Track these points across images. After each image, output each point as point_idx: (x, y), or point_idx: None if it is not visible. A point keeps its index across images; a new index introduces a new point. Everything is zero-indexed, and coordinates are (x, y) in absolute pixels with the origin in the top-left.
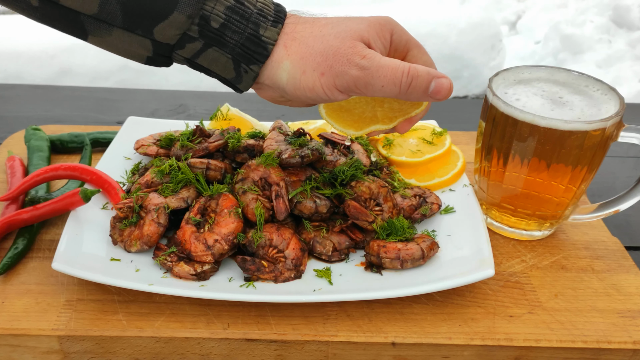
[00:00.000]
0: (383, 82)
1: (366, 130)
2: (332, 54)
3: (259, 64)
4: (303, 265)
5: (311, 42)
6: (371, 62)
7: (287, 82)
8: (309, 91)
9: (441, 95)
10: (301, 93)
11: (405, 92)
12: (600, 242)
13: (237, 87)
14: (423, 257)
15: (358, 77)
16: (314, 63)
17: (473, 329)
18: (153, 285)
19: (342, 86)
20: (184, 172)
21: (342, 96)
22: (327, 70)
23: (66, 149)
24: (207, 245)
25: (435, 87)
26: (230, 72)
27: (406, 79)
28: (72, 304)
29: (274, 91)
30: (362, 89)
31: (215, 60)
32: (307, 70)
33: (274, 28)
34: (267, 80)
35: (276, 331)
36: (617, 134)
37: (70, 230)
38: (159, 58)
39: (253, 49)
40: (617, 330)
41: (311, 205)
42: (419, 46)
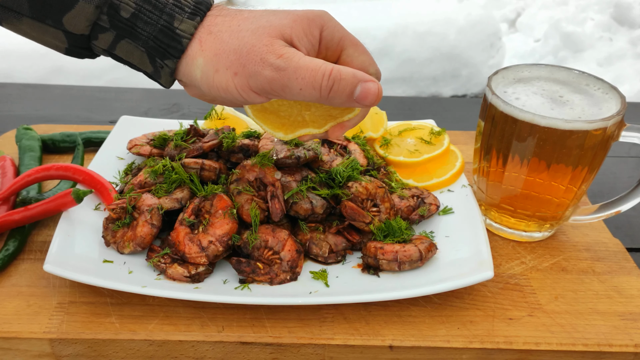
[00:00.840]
0: (301, 85)
1: (296, 134)
2: (245, 52)
3: (173, 59)
4: (299, 267)
5: (226, 38)
6: (288, 63)
7: (200, 80)
8: (223, 91)
9: (368, 101)
10: (216, 93)
11: (326, 97)
12: (601, 244)
13: (160, 83)
14: (421, 258)
15: (273, 79)
16: (227, 61)
17: (472, 332)
18: (146, 288)
19: (256, 88)
20: (178, 172)
21: (259, 98)
22: (240, 70)
23: (58, 149)
24: (201, 246)
25: (362, 92)
26: (147, 65)
27: (327, 82)
28: (64, 306)
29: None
30: (279, 91)
31: (131, 53)
32: (219, 68)
33: (191, 21)
34: (184, 78)
35: (272, 334)
36: (618, 133)
37: (62, 231)
38: (78, 50)
39: (167, 43)
40: (618, 333)
41: (307, 206)
42: (356, 44)
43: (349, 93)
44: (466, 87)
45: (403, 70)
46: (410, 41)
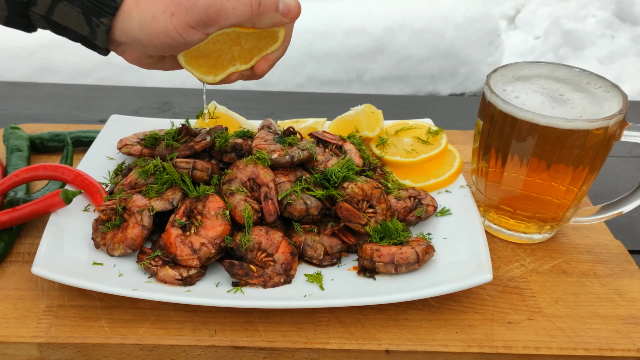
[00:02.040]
0: (234, 4)
1: (225, 72)
2: None
3: (108, 16)
4: (293, 269)
5: None
6: None
7: (140, 31)
8: (162, 36)
9: (292, 12)
10: (156, 40)
11: (257, 13)
12: (602, 246)
13: (96, 45)
14: (418, 261)
15: (208, 5)
16: (162, 5)
17: (470, 336)
18: (137, 291)
19: (194, 21)
20: (169, 172)
21: (197, 35)
22: (176, 9)
23: (46, 149)
24: (193, 248)
25: (284, 6)
26: (84, 27)
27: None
28: (52, 310)
29: (134, 48)
30: (215, 17)
31: (68, 15)
32: (156, 14)
33: None
34: (122, 36)
35: (265, 338)
36: (620, 133)
37: (51, 233)
38: (17, 18)
39: (102, 2)
40: (620, 337)
41: (302, 207)
42: None
43: (275, 6)
44: (464, 85)
45: (400, 68)
46: (407, 38)
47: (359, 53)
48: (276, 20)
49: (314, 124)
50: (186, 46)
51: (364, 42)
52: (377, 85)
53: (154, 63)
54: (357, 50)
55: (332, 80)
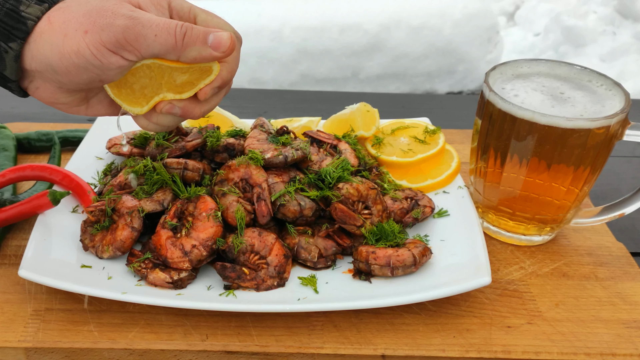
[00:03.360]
0: (155, 31)
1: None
2: (95, 12)
3: (18, 40)
4: (287, 272)
5: (75, 8)
6: (141, 14)
7: (51, 52)
8: (75, 56)
9: (222, 47)
10: (68, 61)
11: (181, 43)
12: (604, 248)
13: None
14: (415, 263)
15: (126, 27)
16: (76, 24)
17: (468, 340)
18: (126, 294)
19: (110, 42)
20: (160, 173)
21: (114, 58)
22: (90, 27)
23: (34, 148)
24: (184, 251)
25: (215, 39)
26: None
27: (180, 29)
28: (40, 313)
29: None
30: (133, 42)
31: None
32: (68, 32)
33: (38, 6)
34: (34, 63)
35: (258, 343)
36: (622, 132)
37: (38, 235)
38: None
39: (11, 25)
40: (622, 342)
41: (295, 208)
42: (207, 11)
43: (203, 39)
44: (462, 83)
45: (396, 66)
46: (404, 35)
47: (354, 50)
48: (205, 54)
49: (308, 123)
50: (103, 71)
51: (359, 39)
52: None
53: (74, 102)
54: (352, 47)
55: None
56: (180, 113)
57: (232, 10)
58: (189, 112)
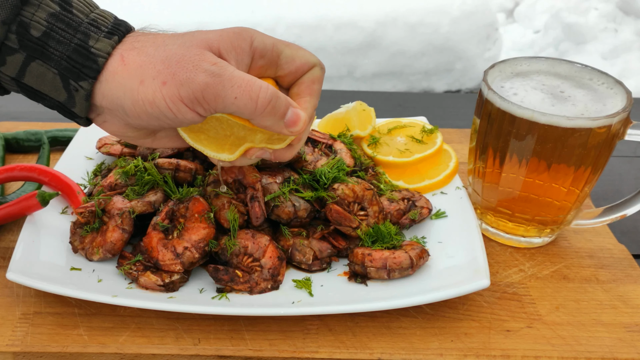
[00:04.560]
0: (237, 93)
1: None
2: (175, 61)
3: (89, 79)
4: (281, 275)
5: (152, 51)
6: (223, 70)
7: (124, 96)
8: (149, 105)
9: (295, 127)
10: (141, 109)
11: (261, 112)
12: (605, 250)
13: (74, 114)
14: (412, 266)
15: (207, 85)
16: (154, 71)
17: (467, 344)
18: (117, 297)
19: (187, 97)
20: (151, 173)
21: (190, 114)
22: (169, 79)
23: (22, 148)
24: (176, 253)
25: (292, 116)
26: (60, 92)
27: (265, 95)
28: (28, 317)
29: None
30: (211, 102)
31: (42, 78)
32: (145, 79)
33: (108, 40)
34: (105, 101)
35: (251, 347)
36: (624, 131)
37: (27, 236)
38: None
39: (81, 62)
40: (624, 346)
41: (290, 209)
42: (289, 44)
43: (283, 113)
44: (460, 81)
45: (393, 63)
46: (401, 32)
47: (350, 48)
48: (277, 128)
49: None
50: (175, 122)
51: (355, 36)
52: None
53: (141, 137)
54: (348, 44)
55: None
56: (271, 158)
57: (225, 6)
58: (281, 157)
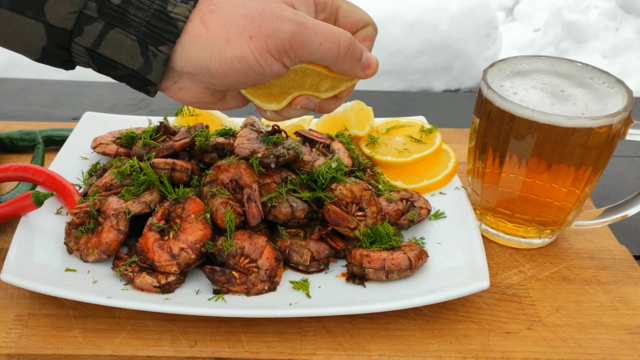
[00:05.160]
0: (321, 39)
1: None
2: (258, 16)
3: (168, 43)
4: (278, 276)
5: (231, 10)
6: (306, 19)
7: (210, 57)
8: (237, 61)
9: (370, 70)
10: (229, 67)
11: (344, 55)
12: (606, 251)
13: (148, 81)
14: (410, 267)
15: (294, 33)
16: (238, 28)
17: (466, 346)
18: (112, 299)
19: (275, 48)
20: (147, 173)
21: (276, 65)
22: (255, 32)
23: (16, 148)
24: (172, 254)
25: (366, 59)
26: (137, 59)
27: (347, 40)
28: (22, 319)
29: (197, 81)
30: (298, 50)
31: (120, 46)
32: (231, 37)
33: (185, 4)
34: (187, 65)
35: (248, 349)
36: (624, 131)
37: (21, 237)
38: (56, 50)
39: (161, 27)
40: (624, 348)
41: (287, 210)
42: (349, 2)
43: (360, 56)
44: (459, 80)
45: (391, 62)
46: (399, 31)
47: None
48: (355, 71)
49: (300, 121)
50: (261, 77)
51: None
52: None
53: (213, 102)
54: None
55: None
56: (316, 108)
57: None
58: (325, 108)
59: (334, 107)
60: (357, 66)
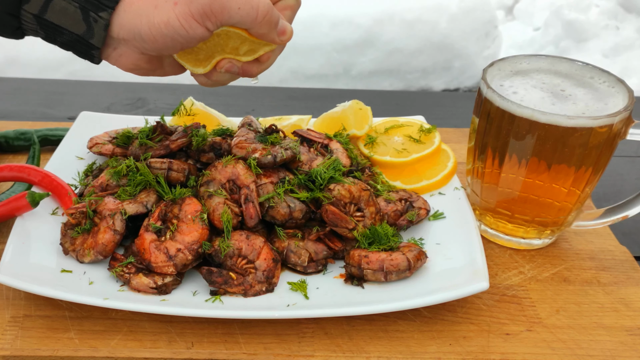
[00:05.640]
0: (240, 4)
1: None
2: None
3: (108, 10)
4: (276, 277)
5: None
6: None
7: (141, 23)
8: (164, 26)
9: (285, 35)
10: (157, 31)
11: (261, 19)
12: (606, 252)
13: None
14: (409, 268)
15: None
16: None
17: (465, 348)
18: (108, 300)
19: (197, 12)
20: (143, 173)
21: (200, 29)
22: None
23: (12, 148)
24: (168, 255)
25: (282, 26)
26: (80, 24)
27: (265, 5)
28: (18, 320)
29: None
30: (218, 13)
31: (64, 12)
32: (159, 3)
33: None
34: (122, 31)
35: (246, 351)
36: (625, 131)
37: (16, 238)
38: (6, 18)
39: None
40: (625, 350)
41: (285, 210)
42: None
43: (276, 22)
44: (459, 80)
45: (390, 61)
46: (398, 30)
47: (346, 45)
48: (271, 35)
49: (298, 121)
50: (187, 41)
51: (351, 34)
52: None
53: (152, 68)
54: (344, 42)
55: (318, 74)
56: (239, 71)
57: None
58: (248, 71)
59: (257, 71)
60: (273, 31)
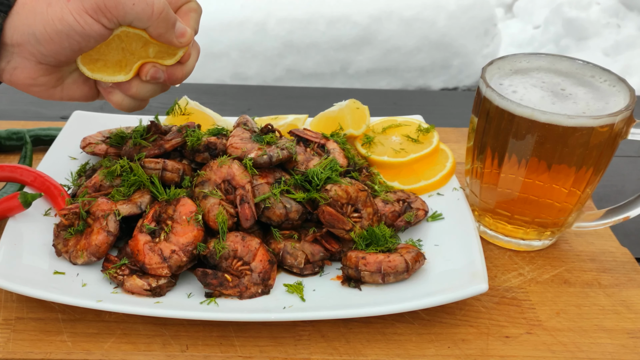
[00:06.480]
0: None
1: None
2: None
3: (1, 14)
4: (272, 279)
5: None
6: None
7: (35, 21)
8: (59, 22)
9: (184, 37)
10: (52, 28)
11: (157, 17)
12: (607, 253)
13: None
14: (407, 269)
15: None
16: None
17: (464, 351)
18: (102, 302)
19: (91, 8)
20: (137, 173)
21: (96, 25)
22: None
23: (3, 148)
24: (163, 256)
25: (180, 28)
26: None
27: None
28: (10, 323)
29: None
30: (113, 9)
31: None
32: (52, 1)
33: None
34: (16, 34)
35: (241, 354)
36: (626, 130)
37: (8, 239)
38: None
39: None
40: (626, 353)
41: (281, 211)
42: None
43: (173, 22)
44: (457, 79)
45: (388, 60)
46: (396, 28)
47: (343, 43)
48: (169, 36)
49: (294, 120)
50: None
51: (348, 32)
52: (362, 79)
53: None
54: (341, 40)
55: (314, 73)
56: (164, 77)
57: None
58: (173, 76)
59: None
60: (171, 31)
